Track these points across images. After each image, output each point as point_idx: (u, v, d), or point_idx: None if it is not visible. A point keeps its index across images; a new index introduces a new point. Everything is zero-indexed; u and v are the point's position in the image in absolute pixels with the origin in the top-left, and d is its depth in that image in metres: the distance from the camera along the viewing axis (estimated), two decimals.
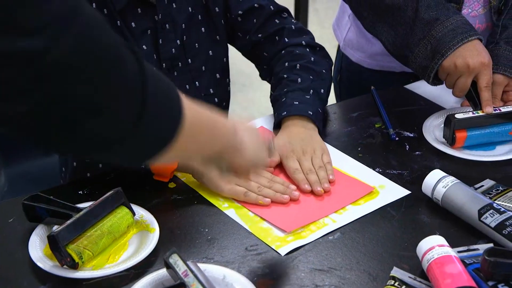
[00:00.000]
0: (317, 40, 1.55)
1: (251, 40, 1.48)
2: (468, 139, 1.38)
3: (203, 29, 1.44)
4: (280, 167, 1.32)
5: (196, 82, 1.44)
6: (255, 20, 1.47)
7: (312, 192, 1.25)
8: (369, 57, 1.71)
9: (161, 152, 0.82)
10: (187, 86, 1.43)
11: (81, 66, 0.68)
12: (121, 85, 0.73)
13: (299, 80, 1.42)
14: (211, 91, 1.47)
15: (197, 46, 1.43)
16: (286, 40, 1.48)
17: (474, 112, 1.40)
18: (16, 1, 0.63)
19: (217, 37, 1.47)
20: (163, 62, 1.39)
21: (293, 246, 1.12)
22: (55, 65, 0.66)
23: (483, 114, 1.39)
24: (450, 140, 1.38)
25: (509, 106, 1.42)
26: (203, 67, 1.45)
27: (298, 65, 1.45)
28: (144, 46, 1.36)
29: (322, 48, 1.52)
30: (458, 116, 1.38)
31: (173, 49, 1.39)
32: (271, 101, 1.46)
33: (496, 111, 1.40)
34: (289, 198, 1.22)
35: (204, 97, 1.45)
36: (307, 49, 1.49)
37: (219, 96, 1.50)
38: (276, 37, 1.48)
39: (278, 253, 1.11)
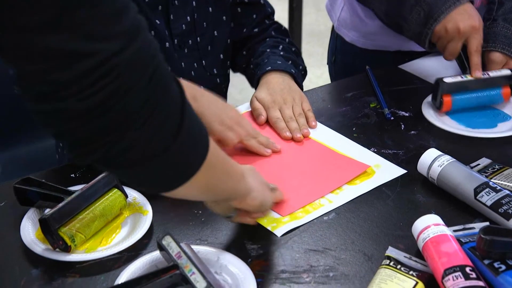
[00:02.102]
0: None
1: (247, 33, 1.51)
2: (454, 102, 1.38)
3: (210, 8, 1.45)
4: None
5: (203, 61, 1.46)
6: (255, 16, 1.51)
7: (304, 177, 1.24)
8: (363, 36, 1.69)
9: (185, 179, 0.85)
10: (195, 64, 1.45)
11: (140, 71, 0.75)
12: (166, 101, 0.79)
13: (282, 53, 1.47)
14: (215, 71, 1.49)
15: (205, 25, 1.44)
16: (273, 33, 1.53)
17: (463, 76, 1.40)
18: (105, 14, 0.73)
19: (224, 17, 1.47)
20: (175, 38, 1.40)
21: (289, 227, 1.11)
22: (122, 65, 0.73)
23: (471, 78, 1.40)
24: (438, 104, 1.38)
25: (497, 71, 1.42)
26: (209, 46, 1.46)
27: (280, 46, 1.49)
28: (157, 21, 1.37)
29: (299, 50, 1.56)
30: (446, 80, 1.39)
31: (183, 25, 1.41)
32: (251, 67, 1.48)
33: (485, 76, 1.40)
34: (270, 152, 1.29)
35: (209, 77, 1.48)
36: (289, 45, 1.53)
37: (221, 77, 1.51)
38: (266, 32, 1.53)
39: (274, 235, 1.10)
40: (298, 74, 1.45)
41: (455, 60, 1.46)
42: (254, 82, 1.45)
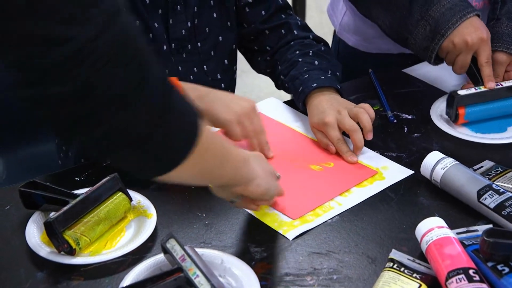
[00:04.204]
0: (315, 26, 1.54)
1: (256, 29, 1.48)
2: (471, 115, 1.37)
3: (215, 14, 1.43)
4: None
5: (204, 66, 1.45)
6: (263, 12, 1.48)
7: (313, 181, 1.24)
8: (366, 40, 1.69)
9: (174, 164, 0.84)
10: (195, 69, 1.44)
11: (118, 56, 0.76)
12: (146, 85, 0.78)
13: (316, 62, 1.42)
14: (218, 76, 1.47)
15: (207, 31, 1.43)
16: (295, 32, 1.49)
17: (476, 88, 1.40)
18: (82, 2, 0.73)
19: (228, 23, 1.46)
20: (172, 42, 1.39)
21: (301, 230, 1.12)
22: (100, 50, 0.74)
23: (485, 89, 1.39)
24: (453, 117, 1.37)
25: (510, 81, 1.41)
26: (212, 51, 1.45)
27: (310, 52, 1.45)
28: (155, 24, 1.36)
29: (327, 43, 1.53)
30: (460, 92, 1.38)
31: (183, 31, 1.40)
32: (286, 81, 1.44)
33: (498, 86, 1.40)
34: (272, 155, 1.29)
35: (211, 82, 1.46)
36: (315, 42, 1.50)
37: (225, 82, 1.50)
38: (282, 31, 1.49)
39: (278, 237, 1.10)
40: (341, 89, 1.39)
41: (466, 74, 1.45)
42: (298, 101, 1.40)
